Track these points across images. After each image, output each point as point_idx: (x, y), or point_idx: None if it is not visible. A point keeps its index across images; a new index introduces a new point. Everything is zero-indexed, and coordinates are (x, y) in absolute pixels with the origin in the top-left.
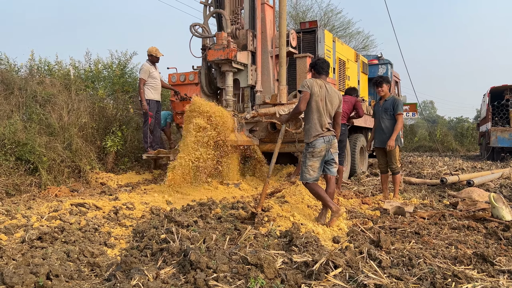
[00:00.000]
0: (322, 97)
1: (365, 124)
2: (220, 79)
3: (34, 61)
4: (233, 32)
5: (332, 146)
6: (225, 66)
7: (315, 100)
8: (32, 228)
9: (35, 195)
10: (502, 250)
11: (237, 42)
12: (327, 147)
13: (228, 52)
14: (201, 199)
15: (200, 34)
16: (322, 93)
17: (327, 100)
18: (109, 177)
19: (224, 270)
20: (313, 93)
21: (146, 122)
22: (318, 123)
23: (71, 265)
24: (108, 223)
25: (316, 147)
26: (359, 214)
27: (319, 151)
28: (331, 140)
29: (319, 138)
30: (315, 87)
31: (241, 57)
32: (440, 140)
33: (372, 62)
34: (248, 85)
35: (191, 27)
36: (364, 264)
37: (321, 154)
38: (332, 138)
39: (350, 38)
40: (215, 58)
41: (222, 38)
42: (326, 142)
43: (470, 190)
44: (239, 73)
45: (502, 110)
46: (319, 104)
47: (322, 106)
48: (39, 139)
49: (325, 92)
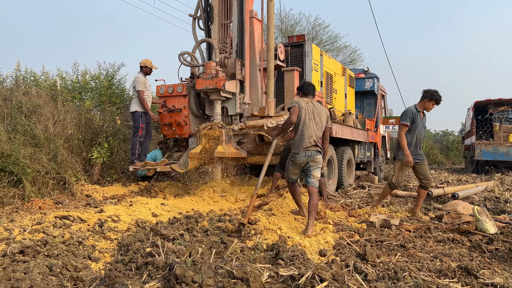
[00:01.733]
0: (310, 111)
1: (352, 137)
2: (209, 107)
3: (20, 71)
4: (221, 61)
5: (313, 160)
6: (214, 95)
7: (303, 113)
8: (14, 241)
9: (18, 208)
10: (486, 263)
11: (225, 70)
12: (308, 161)
13: (217, 81)
14: (188, 211)
15: (188, 63)
16: (310, 107)
17: (315, 114)
18: (95, 189)
19: (210, 285)
20: (301, 107)
21: (136, 133)
22: (306, 134)
23: (54, 279)
24: (93, 236)
25: (296, 159)
26: (346, 227)
27: (299, 163)
28: (313, 155)
29: (302, 152)
30: (302, 102)
31: (229, 86)
32: (426, 153)
33: (359, 76)
34: (237, 113)
35: (180, 56)
36: (350, 278)
37: (300, 165)
38: (315, 153)
39: (337, 52)
40: (203, 87)
41: (210, 67)
42: (307, 156)
43: (455, 203)
44: (228, 101)
45: (486, 124)
46: (306, 117)
47: (310, 118)
48: (24, 151)
49: (312, 107)
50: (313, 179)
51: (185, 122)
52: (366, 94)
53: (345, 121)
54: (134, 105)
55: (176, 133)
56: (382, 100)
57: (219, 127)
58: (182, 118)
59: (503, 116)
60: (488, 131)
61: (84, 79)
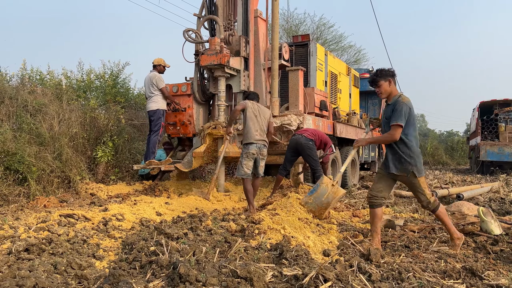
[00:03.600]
0: (255, 110)
1: (356, 137)
2: (213, 85)
3: (25, 70)
4: (226, 38)
5: (261, 153)
6: (218, 72)
7: (250, 111)
8: (19, 239)
9: (23, 206)
10: (490, 264)
11: (230, 48)
12: (258, 152)
13: (221, 57)
14: (192, 210)
15: (193, 40)
16: (255, 107)
17: (259, 111)
18: (99, 188)
19: (214, 284)
20: (247, 106)
21: (157, 132)
22: (253, 129)
23: (58, 277)
24: (97, 235)
25: (250, 149)
26: (350, 227)
27: (252, 153)
28: (261, 148)
29: (254, 143)
30: (249, 103)
31: (234, 62)
32: (431, 153)
33: (363, 75)
34: (241, 90)
35: (184, 32)
36: (354, 278)
37: (253, 156)
38: (262, 147)
39: (342, 52)
40: (208, 63)
41: (215, 43)
42: (258, 147)
43: (460, 204)
44: (232, 78)
45: (491, 125)
46: (252, 115)
47: (256, 115)
48: (29, 149)
49: (257, 106)
50: (262, 170)
51: (189, 121)
52: (371, 94)
53: (350, 121)
54: (154, 103)
55: (180, 132)
56: None
57: (223, 126)
58: (187, 117)
59: (508, 116)
60: (493, 131)
61: (89, 78)
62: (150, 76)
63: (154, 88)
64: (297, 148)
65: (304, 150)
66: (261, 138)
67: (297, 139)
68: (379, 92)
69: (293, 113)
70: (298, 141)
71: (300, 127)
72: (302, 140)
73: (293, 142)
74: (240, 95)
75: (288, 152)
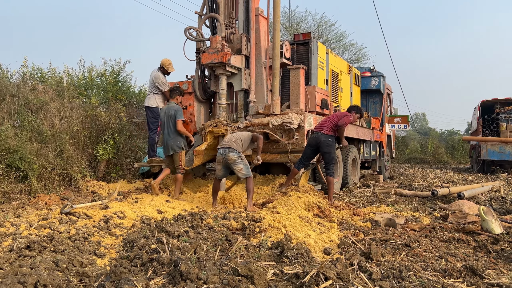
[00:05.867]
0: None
1: (357, 136)
2: (214, 83)
3: (27, 67)
4: (227, 36)
5: (227, 158)
6: (219, 70)
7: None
8: (20, 236)
9: (24, 203)
10: (491, 263)
11: (231, 46)
12: (223, 158)
13: (222, 55)
14: (193, 208)
15: (194, 38)
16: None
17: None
18: (100, 186)
19: (215, 281)
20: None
21: (155, 130)
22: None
23: (60, 274)
24: (98, 232)
25: (216, 156)
26: (351, 226)
27: (217, 159)
28: (225, 153)
29: (218, 148)
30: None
31: (235, 60)
32: (432, 152)
33: (364, 74)
34: (242, 89)
35: (186, 30)
36: (355, 276)
37: (219, 162)
38: (226, 151)
39: (343, 50)
40: (209, 61)
41: (216, 41)
42: (222, 154)
43: (461, 202)
44: (233, 77)
45: (492, 124)
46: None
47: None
48: (30, 147)
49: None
50: (241, 173)
51: (191, 119)
52: (372, 92)
53: None
54: (153, 100)
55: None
56: (388, 99)
57: (224, 124)
58: (188, 115)
59: (509, 115)
60: (494, 130)
61: (90, 76)
62: (154, 76)
63: (156, 89)
64: (318, 145)
65: (323, 147)
66: (225, 146)
67: (317, 137)
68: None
69: (294, 111)
70: (318, 139)
71: (301, 125)
72: (322, 138)
73: (314, 140)
74: (241, 93)
75: (308, 149)
